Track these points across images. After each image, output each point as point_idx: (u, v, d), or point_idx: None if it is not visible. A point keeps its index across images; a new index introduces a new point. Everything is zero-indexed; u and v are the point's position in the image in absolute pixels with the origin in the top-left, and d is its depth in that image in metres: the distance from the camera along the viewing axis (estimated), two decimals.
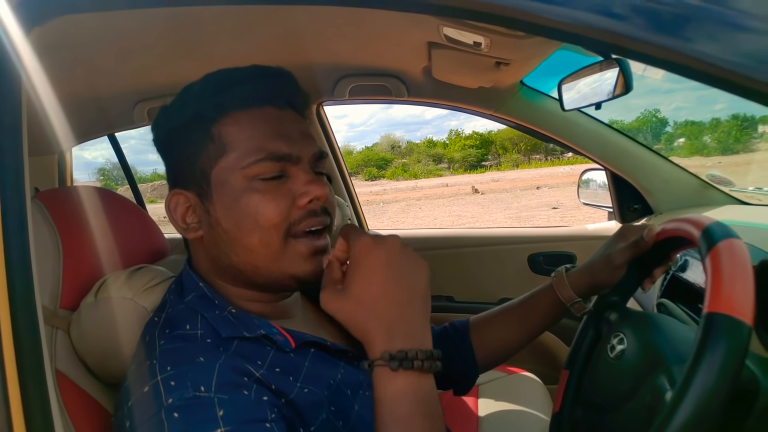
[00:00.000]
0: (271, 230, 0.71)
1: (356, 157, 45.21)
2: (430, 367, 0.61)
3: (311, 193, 0.72)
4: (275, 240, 0.71)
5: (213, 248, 0.75)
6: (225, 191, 0.72)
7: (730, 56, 0.45)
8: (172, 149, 0.78)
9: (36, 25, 0.64)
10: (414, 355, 0.60)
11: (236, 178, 0.71)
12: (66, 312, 0.81)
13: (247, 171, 0.71)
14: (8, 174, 0.59)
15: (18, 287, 0.57)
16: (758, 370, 0.66)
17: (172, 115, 0.77)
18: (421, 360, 0.60)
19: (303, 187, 0.73)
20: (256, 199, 0.71)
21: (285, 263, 0.73)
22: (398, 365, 0.60)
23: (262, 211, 0.70)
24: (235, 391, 0.61)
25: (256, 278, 0.74)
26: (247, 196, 0.71)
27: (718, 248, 0.61)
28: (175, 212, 0.76)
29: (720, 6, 0.44)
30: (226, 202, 0.72)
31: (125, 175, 2.40)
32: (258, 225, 0.71)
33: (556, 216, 12.17)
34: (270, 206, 0.71)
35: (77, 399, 0.75)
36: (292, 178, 0.73)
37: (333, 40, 1.55)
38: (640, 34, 0.47)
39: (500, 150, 43.51)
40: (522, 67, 1.57)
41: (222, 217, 0.72)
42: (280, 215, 0.71)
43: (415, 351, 0.61)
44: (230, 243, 0.73)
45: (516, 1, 0.50)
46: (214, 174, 0.72)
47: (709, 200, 1.72)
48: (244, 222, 0.71)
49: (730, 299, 0.55)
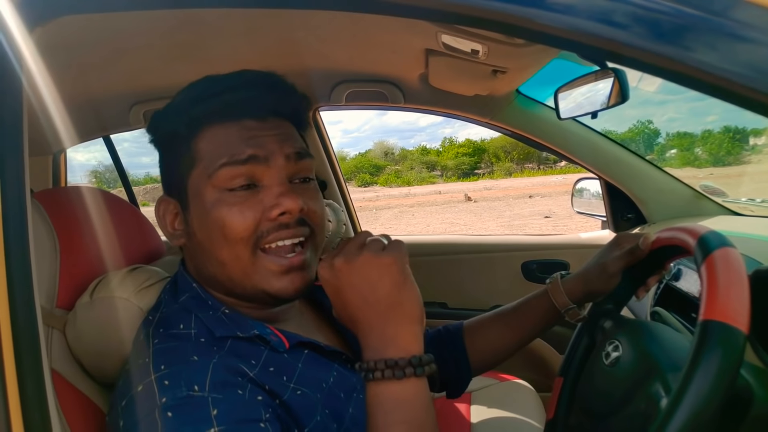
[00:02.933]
0: (239, 243, 0.70)
1: (349, 163, 45.30)
2: (403, 374, 0.62)
3: (282, 206, 0.69)
4: (243, 253, 0.70)
5: (193, 257, 0.76)
6: (198, 203, 0.72)
7: (730, 66, 0.45)
8: (161, 156, 0.78)
9: (38, 25, 0.64)
10: (383, 365, 0.62)
11: (208, 190, 0.70)
12: (62, 311, 0.81)
13: (215, 179, 0.70)
14: (9, 174, 0.58)
15: (17, 287, 0.57)
16: (752, 379, 0.66)
17: (159, 123, 0.77)
18: (391, 368, 0.62)
19: (274, 199, 0.70)
20: (224, 212, 0.69)
21: (256, 278, 0.71)
22: (365, 375, 0.63)
23: (229, 224, 0.69)
24: (229, 391, 0.61)
25: (235, 289, 0.74)
26: (217, 208, 0.70)
27: (713, 257, 0.61)
28: (163, 218, 0.77)
29: (720, 17, 0.45)
30: (199, 213, 0.72)
31: (120, 177, 2.39)
32: (225, 238, 0.70)
33: (548, 225, 12.21)
34: (237, 219, 0.69)
35: (72, 398, 0.75)
36: (265, 188, 0.71)
37: (330, 45, 1.55)
38: (640, 42, 0.47)
39: (493, 158, 43.71)
40: (518, 76, 1.57)
41: (197, 229, 0.73)
42: (246, 229, 0.69)
43: (384, 360, 0.62)
44: (204, 254, 0.73)
45: (517, 8, 0.51)
46: (190, 185, 0.73)
47: (703, 210, 1.73)
48: (214, 235, 0.70)
49: (726, 307, 0.56)
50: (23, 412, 0.55)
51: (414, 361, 0.62)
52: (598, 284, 0.91)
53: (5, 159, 0.59)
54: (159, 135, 0.78)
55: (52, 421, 0.57)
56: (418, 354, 0.63)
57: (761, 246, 1.14)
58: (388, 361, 0.61)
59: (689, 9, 0.46)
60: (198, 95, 0.73)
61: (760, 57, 0.45)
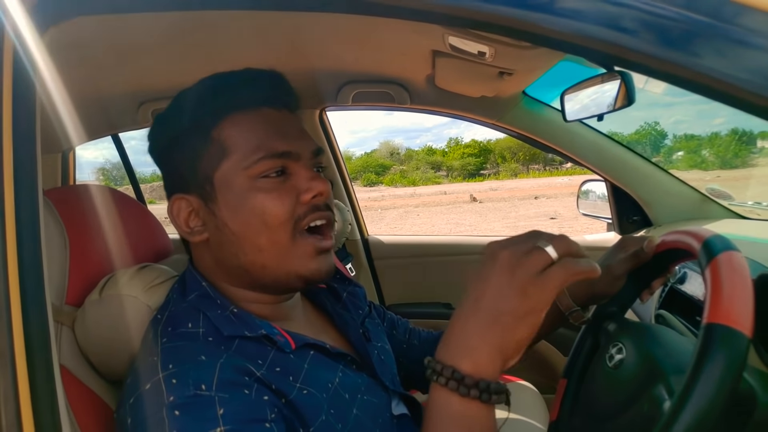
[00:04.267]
0: (279, 228, 0.72)
1: (355, 162, 45.29)
2: (468, 393, 0.55)
3: (315, 189, 0.74)
4: (284, 237, 0.73)
5: (219, 250, 0.76)
6: (230, 193, 0.73)
7: (737, 72, 0.45)
8: (171, 156, 0.79)
9: (51, 26, 0.65)
10: (450, 374, 0.56)
11: (240, 179, 0.73)
12: (71, 308, 0.82)
13: (251, 170, 0.72)
14: (22, 172, 0.59)
15: (29, 283, 0.58)
16: (756, 384, 0.66)
17: (169, 123, 0.78)
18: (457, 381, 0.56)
19: (306, 183, 0.74)
20: (261, 198, 0.72)
21: (293, 262, 0.74)
22: (430, 374, 0.58)
23: (270, 209, 0.72)
24: (235, 390, 0.62)
25: (263, 278, 0.75)
26: (253, 195, 0.72)
27: (718, 260, 0.62)
28: (178, 217, 0.77)
29: (727, 23, 0.45)
30: (231, 203, 0.73)
31: (128, 175, 2.41)
32: (266, 223, 0.72)
33: (553, 226, 12.18)
34: (276, 204, 0.72)
35: (80, 395, 0.76)
36: (294, 175, 0.75)
37: (338, 46, 1.56)
38: (647, 48, 0.47)
39: (499, 159, 43.61)
40: (525, 78, 1.58)
41: (229, 219, 0.73)
42: (286, 212, 0.72)
43: (452, 370, 0.56)
44: (238, 243, 0.74)
45: (524, 13, 0.51)
46: (218, 176, 0.74)
47: (708, 213, 1.73)
48: (252, 221, 0.72)
49: (730, 311, 0.56)
50: (33, 406, 0.55)
51: (482, 385, 0.55)
52: (603, 286, 0.90)
53: (19, 157, 0.59)
54: (170, 133, 0.78)
55: (61, 416, 0.58)
56: (489, 380, 0.56)
57: (767, 250, 1.13)
58: (455, 373, 0.56)
59: (697, 15, 0.46)
60: (216, 87, 0.76)
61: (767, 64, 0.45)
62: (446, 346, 0.58)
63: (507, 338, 0.56)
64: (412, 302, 2.25)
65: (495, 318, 0.56)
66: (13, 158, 0.59)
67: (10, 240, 0.57)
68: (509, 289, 0.55)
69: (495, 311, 0.56)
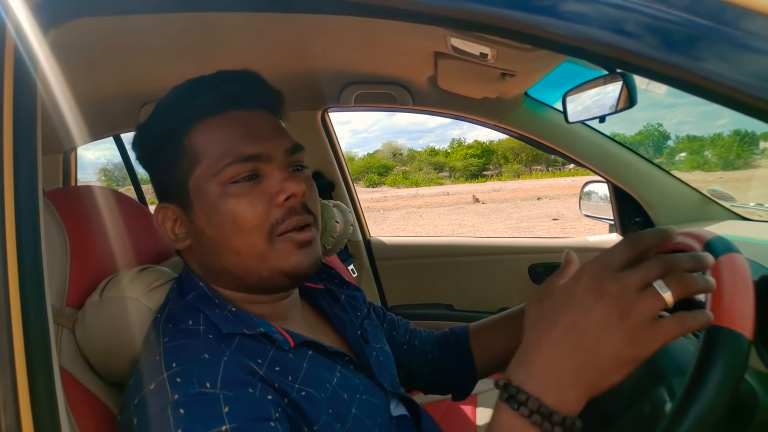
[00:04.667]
0: (253, 231, 0.72)
1: (358, 163, 45.30)
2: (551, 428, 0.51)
3: (287, 190, 0.73)
4: (259, 241, 0.73)
5: (202, 255, 0.78)
6: (203, 200, 0.74)
7: (739, 76, 0.45)
8: (153, 166, 0.80)
9: (52, 27, 0.65)
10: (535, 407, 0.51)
11: (212, 185, 0.73)
12: (71, 310, 0.82)
13: (220, 177, 0.72)
14: (22, 173, 0.59)
15: (29, 285, 0.58)
16: (757, 385, 0.66)
17: (146, 134, 0.79)
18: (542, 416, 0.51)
19: (278, 185, 0.74)
20: (232, 203, 0.72)
21: (272, 260, 0.74)
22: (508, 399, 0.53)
23: (241, 214, 0.72)
24: (240, 389, 0.62)
25: (248, 279, 0.76)
26: (224, 201, 0.72)
27: (719, 262, 0.61)
28: (163, 225, 0.78)
29: (730, 27, 0.45)
30: (206, 210, 0.74)
31: (129, 176, 2.42)
32: (239, 228, 0.72)
33: (556, 227, 12.17)
34: (247, 209, 0.72)
35: (80, 396, 0.75)
36: (267, 177, 0.74)
37: (340, 48, 1.56)
38: (649, 51, 0.47)
39: (502, 160, 43.58)
40: (527, 79, 1.58)
41: (205, 225, 0.74)
42: (258, 216, 0.72)
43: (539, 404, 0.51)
44: (216, 248, 0.74)
45: (526, 16, 0.51)
46: (192, 184, 0.74)
47: (710, 215, 1.73)
48: (225, 227, 0.73)
49: (731, 312, 0.56)
50: (33, 408, 0.55)
51: (567, 422, 0.51)
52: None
53: (19, 158, 0.60)
54: (149, 144, 0.79)
55: (61, 418, 0.58)
56: (572, 417, 0.52)
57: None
58: (542, 408, 0.51)
59: (699, 19, 0.46)
60: (184, 95, 0.76)
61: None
62: (528, 374, 0.53)
63: (601, 381, 0.51)
64: (414, 303, 2.25)
65: (593, 358, 0.51)
66: (13, 159, 0.59)
67: (9, 241, 0.57)
68: (617, 332, 0.50)
69: (595, 351, 0.51)
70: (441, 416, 1.51)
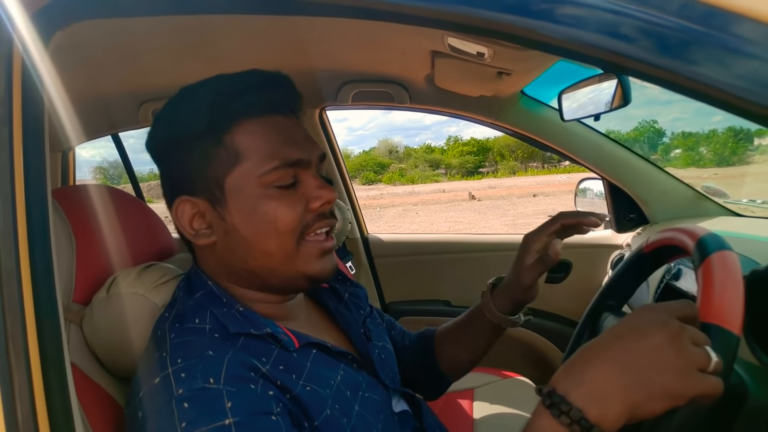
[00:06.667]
0: (288, 234, 0.74)
1: (354, 160, 45.21)
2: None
3: (324, 198, 0.76)
4: (291, 243, 0.74)
5: (228, 254, 0.77)
6: (241, 198, 0.74)
7: (731, 79, 0.47)
8: (176, 157, 0.77)
9: (58, 29, 0.66)
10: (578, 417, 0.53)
11: (252, 186, 0.73)
12: (79, 306, 0.84)
13: (264, 179, 0.73)
14: (33, 172, 0.61)
15: (41, 282, 0.59)
16: (746, 376, 0.68)
17: (174, 124, 0.76)
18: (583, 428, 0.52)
19: (315, 191, 0.76)
20: (273, 206, 0.73)
21: (299, 264, 0.76)
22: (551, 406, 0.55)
23: (281, 217, 0.73)
24: (242, 385, 0.63)
25: (271, 280, 0.77)
26: (264, 203, 0.73)
27: (711, 259, 0.63)
28: (182, 218, 0.76)
29: (721, 32, 0.47)
30: (242, 209, 0.74)
31: (128, 174, 2.42)
32: (277, 230, 0.73)
33: None
34: (287, 212, 0.73)
35: (89, 390, 0.77)
36: (303, 183, 0.76)
37: (338, 46, 1.58)
38: (643, 55, 0.49)
39: (497, 157, 43.56)
40: (523, 77, 1.59)
41: (240, 224, 0.74)
42: (296, 220, 0.74)
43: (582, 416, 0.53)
44: (248, 248, 0.75)
45: (520, 19, 0.52)
46: (229, 181, 0.74)
47: (704, 211, 1.75)
48: (263, 228, 0.73)
49: (721, 310, 0.58)
50: (47, 400, 0.57)
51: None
52: (520, 296, 0.93)
53: (29, 157, 0.61)
54: (173, 135, 0.76)
55: (74, 410, 0.60)
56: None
57: (759, 246, 1.16)
58: (583, 420, 0.52)
59: (689, 23, 0.47)
60: (229, 91, 0.74)
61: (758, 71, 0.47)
62: (575, 385, 0.55)
63: (644, 405, 0.53)
64: (412, 299, 2.27)
65: (642, 380, 0.53)
66: (23, 159, 0.60)
67: (22, 240, 0.58)
68: (672, 363, 0.53)
69: (646, 374, 0.53)
70: (438, 410, 1.52)
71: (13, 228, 0.58)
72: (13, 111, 0.60)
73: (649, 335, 0.54)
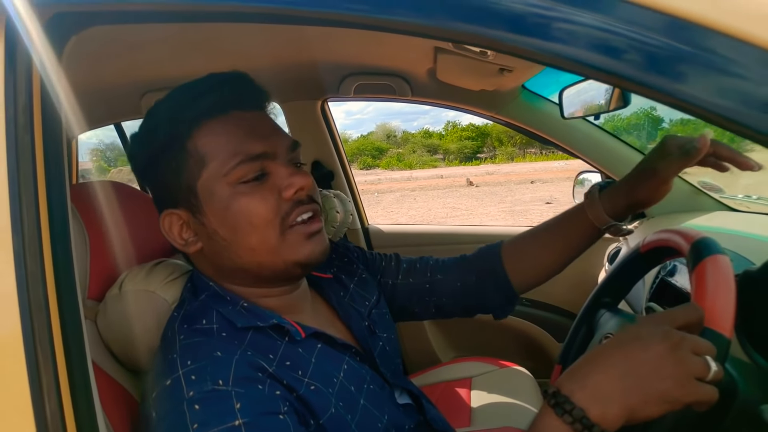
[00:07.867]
0: (267, 227, 0.74)
1: (351, 145, 44.86)
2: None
3: (295, 184, 0.75)
4: (272, 235, 0.75)
5: (215, 257, 0.79)
6: (214, 201, 0.75)
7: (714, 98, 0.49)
8: (154, 173, 0.79)
9: (73, 35, 0.68)
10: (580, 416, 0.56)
11: (221, 186, 0.74)
12: (93, 302, 0.86)
13: (230, 177, 0.74)
14: (53, 176, 0.63)
15: (63, 280, 0.62)
16: (737, 374, 0.71)
17: (144, 141, 0.79)
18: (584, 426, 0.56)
19: (286, 179, 0.76)
20: (245, 202, 0.74)
21: (286, 253, 0.76)
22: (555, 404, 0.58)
23: (255, 212, 0.74)
24: (250, 385, 0.66)
25: (263, 273, 0.78)
26: (236, 200, 0.74)
27: (704, 263, 0.66)
28: (171, 231, 0.79)
29: (708, 53, 0.49)
30: (217, 211, 0.75)
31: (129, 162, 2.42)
32: (253, 225, 0.74)
33: (549, 211, 12.15)
34: (259, 205, 0.74)
35: (104, 384, 0.79)
36: (272, 174, 0.76)
37: (340, 40, 1.58)
38: (634, 73, 0.51)
39: (496, 143, 43.27)
40: (524, 73, 1.61)
41: (218, 226, 0.75)
42: (270, 211, 0.74)
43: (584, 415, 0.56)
44: (231, 248, 0.76)
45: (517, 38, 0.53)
46: (200, 186, 0.75)
47: (700, 206, 1.76)
48: (240, 225, 0.74)
49: (712, 314, 0.61)
50: (72, 396, 0.60)
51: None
52: (645, 193, 0.85)
53: (49, 162, 0.63)
54: (147, 152, 0.79)
55: (95, 404, 0.62)
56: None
57: (754, 244, 1.18)
58: (585, 419, 0.56)
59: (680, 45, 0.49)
60: (184, 99, 0.76)
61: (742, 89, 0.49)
62: (579, 387, 0.59)
63: (642, 408, 0.57)
64: None
65: (642, 385, 0.57)
66: (44, 164, 0.62)
67: (45, 242, 0.61)
68: (671, 372, 0.56)
69: (646, 380, 0.57)
70: (436, 399, 1.55)
71: (38, 232, 0.60)
72: (34, 118, 0.62)
73: (651, 346, 0.58)
